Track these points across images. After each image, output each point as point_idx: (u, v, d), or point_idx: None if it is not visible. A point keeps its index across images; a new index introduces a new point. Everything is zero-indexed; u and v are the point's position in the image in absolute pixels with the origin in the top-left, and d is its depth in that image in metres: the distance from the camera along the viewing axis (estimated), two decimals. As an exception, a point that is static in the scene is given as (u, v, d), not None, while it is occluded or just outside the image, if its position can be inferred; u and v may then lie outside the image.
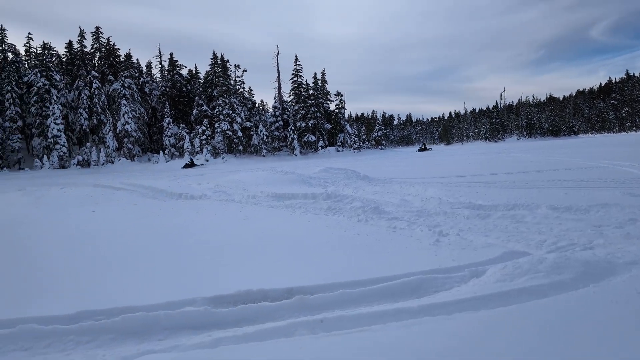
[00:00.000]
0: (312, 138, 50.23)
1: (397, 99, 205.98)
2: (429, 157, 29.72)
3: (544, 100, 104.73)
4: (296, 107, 52.06)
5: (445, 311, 3.63)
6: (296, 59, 52.87)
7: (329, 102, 55.50)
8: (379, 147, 57.96)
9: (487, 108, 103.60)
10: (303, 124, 50.57)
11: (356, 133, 54.29)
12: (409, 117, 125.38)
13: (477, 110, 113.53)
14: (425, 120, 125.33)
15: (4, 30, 46.99)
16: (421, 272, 4.62)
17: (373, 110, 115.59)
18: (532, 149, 34.22)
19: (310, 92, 51.94)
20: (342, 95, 55.24)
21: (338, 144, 52.51)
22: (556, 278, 4.06)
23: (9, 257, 5.94)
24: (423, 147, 51.37)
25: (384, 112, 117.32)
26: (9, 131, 39.79)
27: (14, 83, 40.40)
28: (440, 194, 9.52)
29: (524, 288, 3.90)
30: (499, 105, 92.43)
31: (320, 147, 50.02)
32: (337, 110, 55.30)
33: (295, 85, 53.00)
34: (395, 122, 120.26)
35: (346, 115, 58.18)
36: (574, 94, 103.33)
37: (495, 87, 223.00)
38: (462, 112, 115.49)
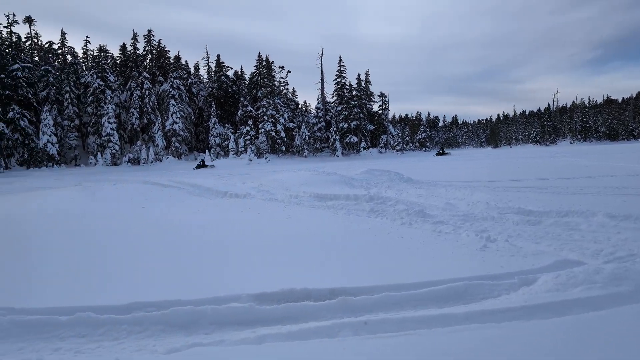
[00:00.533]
0: (354, 139, 50.11)
1: (442, 100, 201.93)
2: (476, 161, 28.92)
3: (600, 102, 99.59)
4: (339, 108, 52.11)
5: (493, 319, 3.52)
6: (340, 60, 52.95)
7: (372, 103, 55.21)
8: (423, 149, 57.05)
9: (538, 110, 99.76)
10: (345, 125, 50.54)
11: (399, 134, 53.69)
12: (454, 118, 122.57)
13: (527, 113, 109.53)
14: (471, 122, 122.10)
15: (64, 33, 49.79)
16: (467, 277, 4.50)
17: (417, 112, 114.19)
18: (587, 153, 32.61)
19: (354, 93, 51.85)
20: (385, 96, 54.82)
21: (381, 145, 52.13)
22: (614, 290, 3.85)
23: (68, 248, 6.27)
24: (441, 151, 47.70)
25: (428, 114, 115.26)
26: (67, 129, 42.09)
27: (72, 84, 42.69)
28: (488, 198, 9.25)
29: (579, 299, 3.72)
30: (551, 107, 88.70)
31: (362, 149, 49.81)
32: (380, 111, 54.92)
33: (339, 86, 53.07)
34: (441, 123, 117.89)
35: (389, 117, 57.69)
36: (634, 95, 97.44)
37: (547, 89, 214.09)
38: (511, 114, 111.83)
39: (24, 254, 6.01)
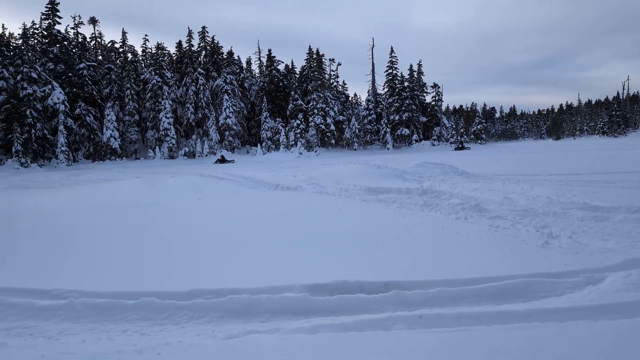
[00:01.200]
0: (406, 131, 49.33)
1: (499, 90, 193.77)
2: (537, 154, 27.63)
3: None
4: (390, 100, 51.45)
5: (556, 318, 3.36)
6: (391, 51, 52.19)
7: (425, 94, 54.08)
8: (479, 141, 55.22)
9: (606, 99, 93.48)
10: (397, 117, 49.84)
11: (453, 126, 52.27)
12: (512, 109, 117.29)
13: (593, 102, 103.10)
14: (531, 112, 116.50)
15: (125, 33, 52.26)
16: (527, 274, 4.33)
17: (472, 103, 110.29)
18: (658, 145, 30.31)
19: (406, 84, 50.97)
20: (439, 87, 53.50)
21: (434, 137, 51.01)
22: (693, 291, 3.57)
23: (132, 237, 6.62)
24: (460, 146, 44.48)
25: (484, 105, 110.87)
26: (128, 124, 44.30)
27: (132, 81, 44.82)
28: (549, 193, 8.82)
29: (653, 300, 3.48)
30: (620, 95, 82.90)
31: (414, 141, 48.97)
32: (433, 103, 53.70)
33: (390, 77, 52.37)
34: (497, 114, 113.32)
35: (443, 108, 56.29)
36: None
37: (615, 76, 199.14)
38: (575, 103, 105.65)
39: (94, 241, 6.41)
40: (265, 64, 55.95)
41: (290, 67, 57.02)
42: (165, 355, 2.81)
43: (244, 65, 56.65)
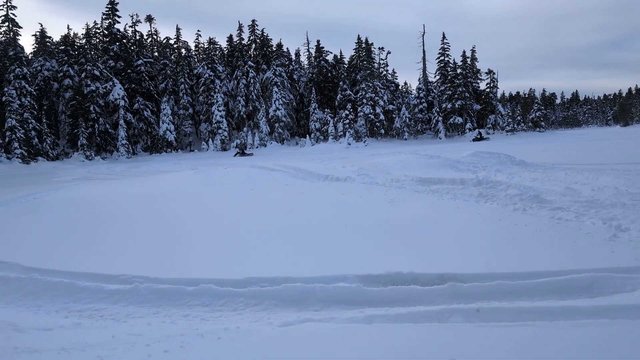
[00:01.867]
0: (459, 120, 47.92)
1: (560, 75, 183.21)
2: (602, 141, 26.03)
3: None
4: (442, 88, 50.10)
5: (627, 315, 3.18)
6: (443, 37, 50.71)
7: (478, 81, 52.18)
8: (537, 129, 52.70)
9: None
10: (449, 105, 48.48)
11: (509, 114, 50.14)
12: (574, 94, 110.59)
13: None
14: (595, 98, 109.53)
15: (179, 29, 53.94)
16: (593, 269, 4.10)
17: (531, 89, 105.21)
18: None
19: (458, 71, 49.37)
20: (494, 73, 51.45)
21: (488, 125, 49.25)
22: None
23: (191, 224, 6.88)
24: (479, 136, 40.86)
25: (543, 90, 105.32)
26: (182, 118, 45.92)
27: (186, 75, 46.32)
28: (617, 183, 8.29)
29: None
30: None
31: (467, 130, 47.47)
32: (487, 90, 51.75)
33: (442, 64, 50.96)
34: (558, 100, 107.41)
35: (498, 95, 54.13)
36: None
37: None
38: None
39: (154, 229, 6.72)
40: (314, 55, 56.02)
41: (338, 57, 56.76)
42: (225, 340, 2.91)
43: (293, 57, 56.98)
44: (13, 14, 39.26)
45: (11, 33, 39.17)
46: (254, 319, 3.47)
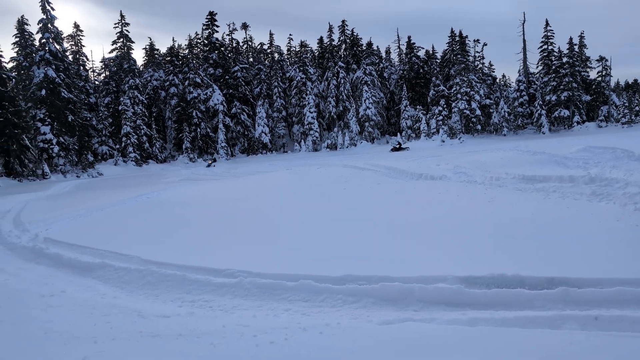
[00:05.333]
0: (565, 113, 44.11)
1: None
2: None
3: None
4: (545, 79, 46.45)
5: None
6: (546, 24, 46.98)
7: (588, 69, 47.60)
8: (657, 120, 46.79)
9: None
10: (553, 97, 44.81)
11: (626, 104, 45.08)
12: None
13: None
14: None
15: (272, 34, 56.14)
16: None
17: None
18: None
19: (564, 60, 45.44)
20: (606, 60, 46.59)
21: (600, 118, 44.71)
22: None
23: (290, 222, 7.15)
24: (398, 146, 34.53)
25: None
26: (276, 120, 47.77)
27: (279, 79, 48.11)
28: None
29: None
30: None
31: (575, 123, 43.56)
32: (599, 79, 47.00)
33: (545, 54, 47.23)
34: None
35: (612, 84, 48.95)
36: None
37: None
38: None
39: (255, 225, 7.08)
40: (404, 52, 55.02)
41: (431, 52, 55.19)
42: (326, 335, 2.98)
43: (383, 55, 56.51)
44: (127, 30, 43.76)
45: (125, 48, 43.67)
46: (354, 316, 3.51)
